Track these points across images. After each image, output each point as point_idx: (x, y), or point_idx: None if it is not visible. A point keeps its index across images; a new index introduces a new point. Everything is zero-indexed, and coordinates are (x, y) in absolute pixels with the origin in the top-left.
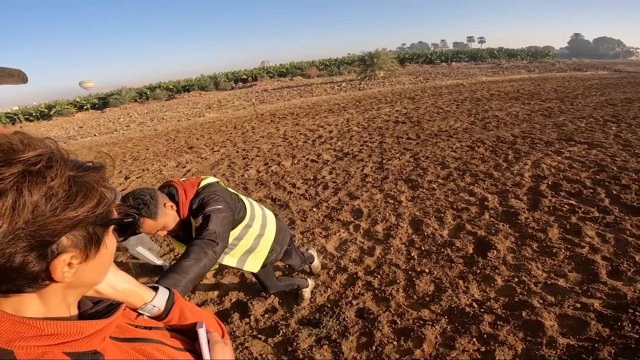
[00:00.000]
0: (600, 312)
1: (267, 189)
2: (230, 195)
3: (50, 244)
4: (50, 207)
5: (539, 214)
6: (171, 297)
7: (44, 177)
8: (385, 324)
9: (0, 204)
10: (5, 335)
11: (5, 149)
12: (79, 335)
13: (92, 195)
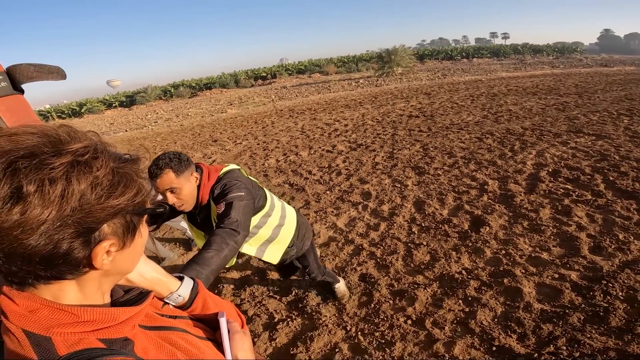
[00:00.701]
0: (575, 283)
1: (285, 175)
2: (251, 182)
3: (93, 231)
4: (95, 196)
5: (534, 196)
6: (195, 286)
7: (90, 167)
8: (384, 286)
9: (50, 191)
10: (44, 322)
11: (54, 140)
12: (112, 322)
13: (132, 185)
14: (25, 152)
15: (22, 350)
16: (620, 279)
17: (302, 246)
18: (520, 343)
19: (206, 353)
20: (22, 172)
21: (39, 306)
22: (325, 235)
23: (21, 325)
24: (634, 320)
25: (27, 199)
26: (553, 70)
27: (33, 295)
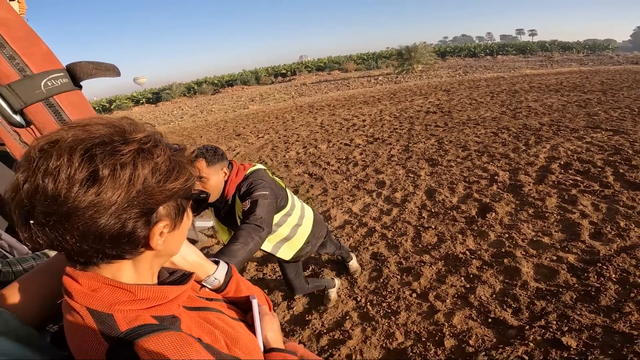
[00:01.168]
0: (572, 265)
1: (305, 166)
2: (275, 183)
3: (153, 212)
4: (155, 180)
5: (542, 187)
6: (229, 271)
7: (152, 154)
8: (393, 263)
9: (121, 175)
10: (106, 300)
11: (120, 130)
12: (163, 300)
13: (184, 171)
14: (99, 140)
15: (86, 327)
16: (615, 263)
17: (316, 243)
18: (514, 317)
19: (240, 333)
20: (98, 157)
21: (100, 285)
22: (341, 219)
23: (85, 304)
24: (623, 301)
25: (102, 182)
26: (580, 68)
27: (95, 275)
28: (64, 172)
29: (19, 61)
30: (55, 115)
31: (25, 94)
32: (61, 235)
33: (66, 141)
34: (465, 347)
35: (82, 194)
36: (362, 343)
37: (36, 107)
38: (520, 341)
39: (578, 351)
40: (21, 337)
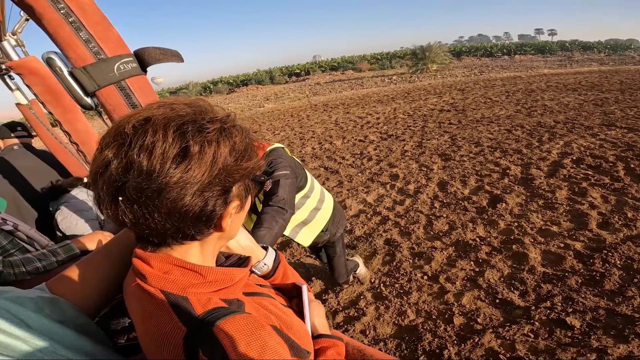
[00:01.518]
0: (578, 251)
1: (320, 160)
2: (294, 161)
3: (230, 191)
4: (233, 158)
5: (553, 180)
6: (277, 257)
7: (231, 133)
8: (405, 249)
9: (207, 153)
10: (179, 282)
11: (202, 110)
12: (230, 282)
13: (255, 152)
14: (189, 118)
15: (163, 311)
16: (620, 250)
17: (335, 232)
18: (521, 298)
19: (292, 318)
20: (189, 134)
21: (172, 267)
22: (356, 209)
23: (159, 287)
24: (626, 286)
25: (191, 159)
26: (600, 67)
27: (166, 256)
28: (159, 148)
29: (94, 44)
30: (126, 98)
31: (100, 76)
32: (149, 212)
33: (159, 118)
34: (473, 324)
35: (173, 169)
36: (376, 320)
37: (109, 90)
38: (526, 320)
39: (582, 331)
40: (79, 326)
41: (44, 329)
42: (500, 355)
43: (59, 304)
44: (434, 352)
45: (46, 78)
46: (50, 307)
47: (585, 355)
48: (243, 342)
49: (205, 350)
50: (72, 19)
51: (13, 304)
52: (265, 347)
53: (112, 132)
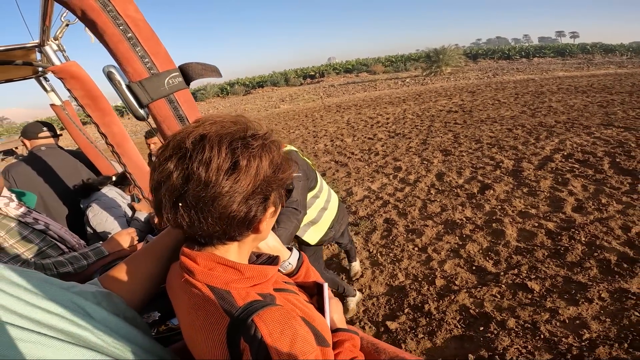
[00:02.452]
0: (550, 230)
1: (331, 155)
2: (306, 164)
3: (269, 198)
4: (272, 170)
5: (541, 172)
6: (301, 257)
7: (271, 148)
8: (401, 226)
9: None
10: (222, 278)
11: (245, 127)
12: (264, 278)
13: (290, 164)
14: (238, 135)
15: (210, 303)
16: (587, 229)
17: (339, 229)
18: (494, 266)
19: (315, 313)
20: (238, 150)
21: (215, 265)
22: (361, 195)
23: (205, 281)
24: (586, 259)
25: (240, 171)
26: (617, 70)
27: (210, 255)
28: (215, 162)
29: (148, 60)
30: (174, 110)
31: (153, 90)
32: (204, 217)
33: (213, 136)
34: (451, 286)
35: (225, 180)
36: (371, 281)
37: (160, 103)
38: (495, 284)
39: (540, 294)
40: (128, 319)
41: (104, 320)
42: (471, 311)
43: (112, 297)
44: (417, 306)
45: (86, 83)
46: (107, 301)
47: (540, 314)
48: (278, 330)
49: (246, 337)
50: (129, 35)
51: (80, 297)
52: (296, 335)
53: (172, 146)
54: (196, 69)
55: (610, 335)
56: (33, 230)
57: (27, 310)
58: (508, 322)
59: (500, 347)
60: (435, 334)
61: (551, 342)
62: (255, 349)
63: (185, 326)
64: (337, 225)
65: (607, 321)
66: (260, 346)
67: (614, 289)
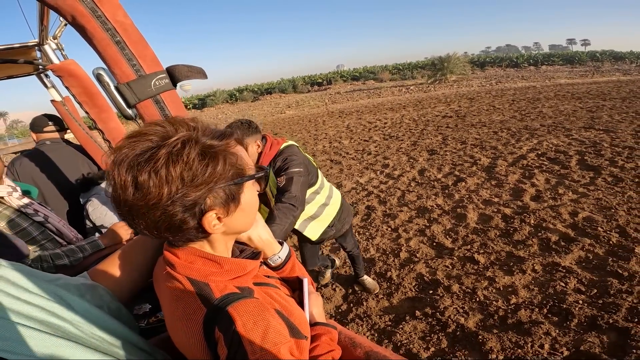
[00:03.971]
0: (506, 214)
1: (328, 155)
2: (307, 159)
3: (196, 206)
4: (189, 177)
5: (512, 168)
6: (289, 253)
7: (180, 155)
8: (380, 211)
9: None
10: (202, 270)
11: (165, 135)
12: (242, 272)
13: (220, 162)
14: (139, 152)
15: (189, 294)
16: (538, 214)
17: (340, 228)
18: (452, 243)
19: (294, 306)
20: (136, 168)
21: (195, 258)
22: (350, 187)
23: (185, 274)
24: (531, 238)
25: (143, 186)
26: (620, 77)
27: (190, 248)
28: (118, 182)
29: (135, 62)
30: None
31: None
32: (139, 224)
33: (117, 158)
34: (412, 258)
35: (132, 196)
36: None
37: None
38: (449, 256)
39: (484, 266)
40: (112, 310)
41: (85, 312)
42: (425, 278)
43: (97, 290)
44: (381, 273)
45: (83, 80)
46: (91, 293)
47: (480, 281)
48: (251, 321)
49: (220, 327)
50: (117, 38)
51: (63, 289)
52: (268, 326)
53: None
54: (182, 70)
55: (534, 301)
56: (33, 222)
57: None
58: (452, 287)
59: (442, 306)
60: (392, 295)
61: (484, 304)
62: (228, 338)
63: (167, 317)
64: (339, 224)
65: (534, 290)
66: (233, 336)
67: (547, 263)
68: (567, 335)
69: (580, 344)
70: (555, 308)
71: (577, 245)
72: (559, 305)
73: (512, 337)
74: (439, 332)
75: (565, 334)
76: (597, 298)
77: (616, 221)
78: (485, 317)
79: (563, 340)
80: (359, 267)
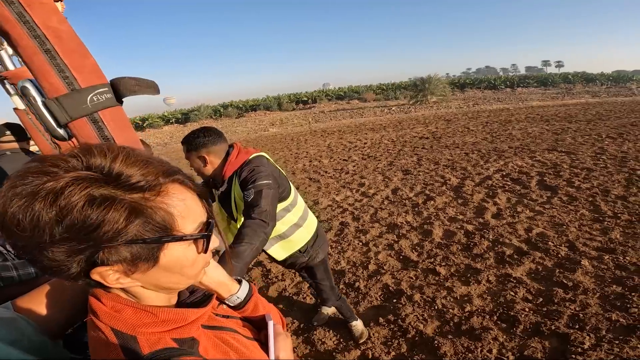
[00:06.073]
0: (468, 230)
1: (307, 173)
2: (278, 171)
3: (80, 254)
4: (62, 229)
5: (478, 188)
6: (250, 290)
7: (55, 201)
8: (352, 227)
9: (34, 217)
10: (130, 321)
11: (46, 172)
12: (183, 322)
13: (110, 221)
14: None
15: (110, 348)
16: (496, 230)
17: (314, 256)
18: (417, 256)
19: (254, 353)
20: (10, 209)
21: (123, 307)
22: (326, 204)
23: (110, 324)
24: (488, 251)
25: (11, 227)
26: (589, 100)
27: (117, 296)
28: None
29: (69, 74)
30: (97, 131)
31: (72, 108)
32: (35, 265)
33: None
34: (380, 269)
35: (18, 232)
36: None
37: (80, 122)
38: (413, 269)
39: (444, 277)
40: (34, 343)
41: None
42: (390, 288)
43: (16, 323)
44: (350, 283)
45: None
46: (6, 328)
47: (440, 291)
48: None
49: None
50: (47, 46)
51: None
52: None
53: None
54: (128, 84)
55: (486, 309)
56: None
57: None
58: (414, 297)
59: (403, 313)
60: (359, 304)
61: (441, 312)
62: None
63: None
64: (313, 251)
65: (487, 298)
66: None
67: (500, 274)
68: (513, 340)
69: (525, 349)
70: (504, 315)
71: (528, 258)
72: (507, 312)
73: (464, 342)
74: (399, 337)
75: (511, 339)
76: (542, 306)
77: (566, 236)
78: (442, 323)
79: (509, 345)
80: (347, 315)
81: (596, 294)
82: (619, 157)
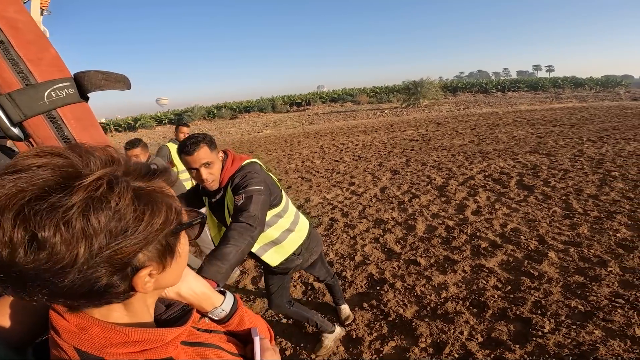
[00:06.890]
0: (448, 225)
1: (300, 173)
2: (270, 179)
3: (128, 265)
4: (121, 229)
5: (461, 187)
6: (235, 303)
7: (107, 201)
8: (341, 222)
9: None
10: (97, 341)
11: (67, 174)
12: (159, 343)
13: (160, 208)
14: (34, 196)
15: None
16: (474, 225)
17: (308, 258)
18: (400, 249)
19: None
20: (32, 219)
21: (90, 324)
22: (317, 201)
23: (73, 344)
24: (465, 245)
25: (46, 244)
26: (576, 104)
27: (83, 314)
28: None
29: (23, 67)
30: (56, 131)
31: (26, 104)
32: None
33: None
34: (366, 261)
35: (24, 258)
36: None
37: (36, 120)
38: (396, 259)
39: (424, 267)
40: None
41: None
42: (374, 277)
43: None
44: (338, 273)
45: None
46: None
47: (419, 280)
48: None
49: None
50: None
51: None
52: None
53: None
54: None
55: (460, 296)
56: None
57: None
58: (396, 284)
59: (385, 299)
60: (345, 291)
61: (420, 298)
62: None
63: None
64: (307, 254)
65: (462, 286)
66: None
67: (475, 265)
68: (482, 323)
69: (492, 332)
70: (475, 301)
71: (501, 250)
72: (478, 299)
73: (439, 325)
74: (381, 320)
75: (481, 322)
76: (509, 293)
77: (537, 231)
78: (420, 308)
79: (479, 328)
80: (337, 296)
81: (559, 283)
82: (597, 159)
